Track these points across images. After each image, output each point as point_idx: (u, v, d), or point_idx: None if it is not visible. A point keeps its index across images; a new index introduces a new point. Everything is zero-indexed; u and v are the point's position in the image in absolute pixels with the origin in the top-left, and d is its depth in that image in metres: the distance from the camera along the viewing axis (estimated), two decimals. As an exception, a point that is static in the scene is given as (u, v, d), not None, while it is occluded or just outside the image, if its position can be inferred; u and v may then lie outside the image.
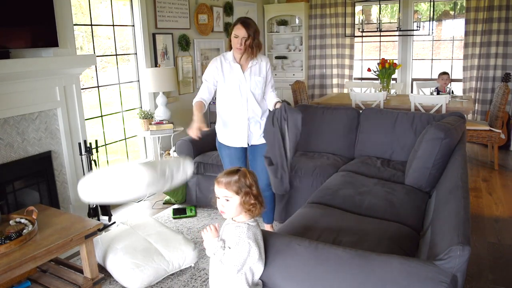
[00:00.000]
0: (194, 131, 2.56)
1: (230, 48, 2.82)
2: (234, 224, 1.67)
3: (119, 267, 2.65)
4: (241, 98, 2.84)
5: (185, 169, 2.27)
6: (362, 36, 6.51)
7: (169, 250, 2.79)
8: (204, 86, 2.85)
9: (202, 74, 5.44)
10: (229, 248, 1.60)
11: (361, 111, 3.89)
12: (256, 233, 1.66)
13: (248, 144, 2.96)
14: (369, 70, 5.70)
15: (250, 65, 2.83)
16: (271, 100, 2.90)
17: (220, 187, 1.65)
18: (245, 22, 2.70)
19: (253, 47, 2.74)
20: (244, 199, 1.64)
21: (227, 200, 1.65)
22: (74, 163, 3.54)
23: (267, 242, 1.73)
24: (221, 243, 1.63)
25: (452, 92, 5.44)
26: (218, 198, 1.68)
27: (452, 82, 5.78)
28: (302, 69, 6.92)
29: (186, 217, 3.75)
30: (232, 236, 1.62)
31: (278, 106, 2.77)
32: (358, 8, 6.92)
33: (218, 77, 2.83)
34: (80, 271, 2.61)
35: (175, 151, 4.18)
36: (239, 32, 2.69)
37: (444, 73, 5.44)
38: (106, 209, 3.61)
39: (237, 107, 2.86)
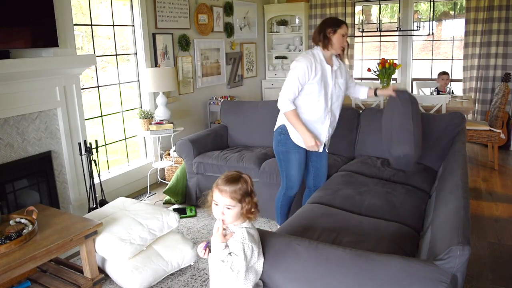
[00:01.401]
0: (315, 144, 2.72)
1: (324, 47, 2.73)
2: (232, 228, 1.62)
3: (118, 270, 2.64)
4: (327, 101, 2.78)
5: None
6: (362, 36, 6.50)
7: (167, 250, 2.79)
8: (295, 88, 2.67)
9: (202, 74, 5.51)
10: (236, 255, 1.56)
11: (361, 111, 3.89)
12: (254, 235, 1.65)
13: (324, 150, 2.96)
14: (369, 70, 5.68)
15: (335, 68, 2.79)
16: (364, 90, 3.05)
17: (224, 196, 1.57)
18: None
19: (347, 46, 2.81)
20: (246, 208, 1.59)
21: (228, 208, 1.58)
22: (74, 163, 3.54)
23: (267, 242, 1.73)
24: (228, 250, 1.57)
25: (452, 92, 5.45)
26: (217, 205, 1.60)
27: (452, 82, 5.79)
28: (302, 69, 6.91)
29: (186, 217, 3.75)
30: (235, 243, 1.58)
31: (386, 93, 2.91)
32: (358, 8, 6.92)
33: (309, 78, 2.67)
34: (80, 271, 2.61)
35: (175, 151, 4.19)
36: (346, 30, 2.71)
37: (444, 73, 5.43)
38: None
39: (322, 110, 2.77)
